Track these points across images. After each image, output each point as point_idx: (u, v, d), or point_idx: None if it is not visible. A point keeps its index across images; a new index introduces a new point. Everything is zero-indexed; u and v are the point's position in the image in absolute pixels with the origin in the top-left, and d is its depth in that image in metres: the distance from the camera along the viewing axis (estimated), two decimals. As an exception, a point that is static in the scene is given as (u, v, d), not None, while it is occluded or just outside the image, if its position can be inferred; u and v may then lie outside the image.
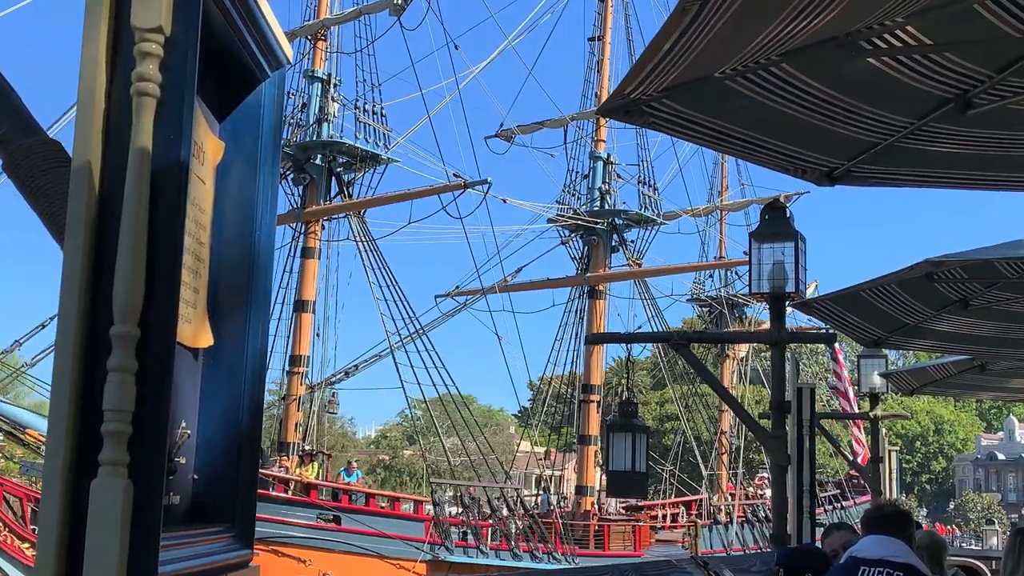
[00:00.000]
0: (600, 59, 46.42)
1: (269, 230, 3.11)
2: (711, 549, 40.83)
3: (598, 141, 46.13)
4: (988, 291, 8.00)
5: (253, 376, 2.99)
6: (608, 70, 46.26)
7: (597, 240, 45.37)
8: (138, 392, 2.13)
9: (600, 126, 46.02)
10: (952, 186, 6.47)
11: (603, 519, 41.64)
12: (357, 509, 31.60)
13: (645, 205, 46.45)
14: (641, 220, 46.31)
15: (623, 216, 45.83)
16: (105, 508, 2.07)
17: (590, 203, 45.49)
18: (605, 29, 46.43)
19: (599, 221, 45.02)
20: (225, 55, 2.86)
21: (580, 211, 44.83)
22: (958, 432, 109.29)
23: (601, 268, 45.43)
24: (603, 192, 45.40)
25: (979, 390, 15.04)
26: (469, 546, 33.60)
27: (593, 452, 43.60)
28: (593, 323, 44.77)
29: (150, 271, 2.17)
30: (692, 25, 3.59)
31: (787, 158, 5.54)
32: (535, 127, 45.53)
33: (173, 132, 2.25)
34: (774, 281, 9.36)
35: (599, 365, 45.45)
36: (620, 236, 46.04)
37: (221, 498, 2.90)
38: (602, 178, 45.60)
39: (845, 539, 6.96)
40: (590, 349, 44.46)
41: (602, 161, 45.76)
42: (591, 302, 45.35)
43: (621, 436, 10.38)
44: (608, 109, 4.59)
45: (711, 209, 56.08)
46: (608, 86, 45.68)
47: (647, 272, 46.99)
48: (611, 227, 45.59)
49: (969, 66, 4.95)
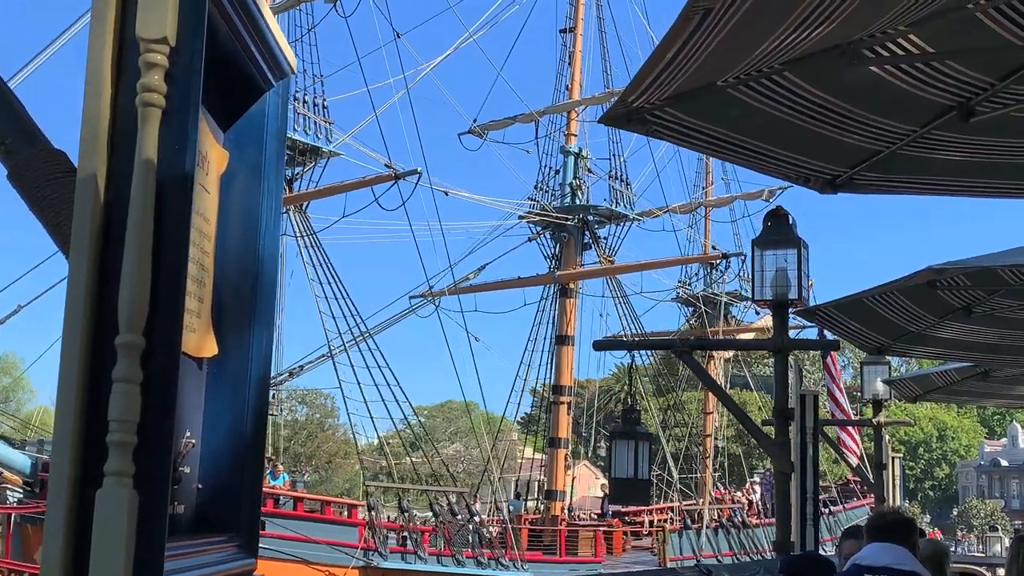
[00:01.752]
0: (572, 51, 45.42)
1: (273, 240, 3.12)
2: (680, 555, 40.13)
3: (569, 135, 45.05)
4: (991, 298, 8.00)
5: (257, 386, 2.99)
6: (580, 62, 45.38)
7: (568, 237, 44.22)
8: (143, 402, 2.13)
9: (571, 120, 45.04)
10: (954, 194, 6.48)
11: (572, 524, 40.77)
12: (282, 513, 30.02)
13: (617, 200, 45.20)
14: (614, 216, 45.09)
15: (594, 212, 44.67)
16: (110, 518, 2.07)
17: (560, 199, 44.38)
18: (577, 21, 45.34)
19: (569, 217, 43.88)
20: (229, 65, 2.86)
21: (549, 207, 43.74)
22: (961, 438, 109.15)
23: (572, 266, 44.32)
24: (574, 187, 44.19)
25: (982, 397, 15.03)
26: (407, 551, 32.22)
27: (563, 455, 42.90)
28: (564, 322, 43.79)
29: (155, 281, 2.17)
30: (695, 34, 3.60)
31: (790, 166, 5.54)
32: (506, 122, 44.26)
33: (178, 142, 2.26)
34: (777, 288, 9.36)
35: (569, 366, 44.22)
36: (592, 233, 44.92)
37: (225, 508, 2.90)
38: (573, 173, 44.40)
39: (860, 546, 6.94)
40: (560, 349, 43.54)
41: (573, 156, 44.61)
42: (562, 301, 44.18)
43: (624, 443, 10.37)
44: (611, 117, 4.60)
45: (695, 205, 55.28)
46: (580, 79, 45.04)
47: (618, 269, 45.66)
48: (582, 223, 44.41)
49: (971, 74, 4.95)
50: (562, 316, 43.98)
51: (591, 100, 44.48)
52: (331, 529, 31.14)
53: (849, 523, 40.65)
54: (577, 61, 45.32)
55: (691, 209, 54.62)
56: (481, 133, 44.26)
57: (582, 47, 45.62)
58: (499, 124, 44.28)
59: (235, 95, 3.05)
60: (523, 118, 44.01)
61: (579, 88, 45.21)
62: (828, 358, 22.41)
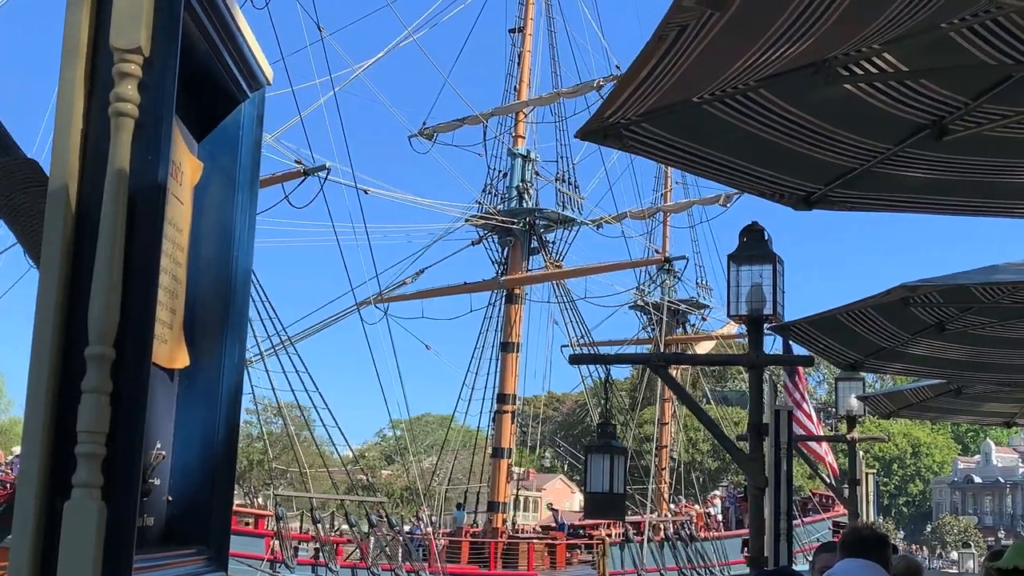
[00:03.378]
0: (521, 51, 44.37)
1: (247, 251, 3.11)
2: (622, 569, 39.40)
3: (517, 137, 43.92)
4: (964, 316, 8.05)
5: (229, 398, 2.98)
6: (529, 62, 44.26)
7: (514, 241, 43.03)
8: (113, 413, 2.12)
9: (519, 121, 44.03)
10: (928, 211, 6.53)
11: (512, 537, 39.85)
12: None
13: (565, 204, 44.04)
14: (561, 220, 43.77)
15: (540, 214, 43.37)
16: (78, 530, 2.06)
17: (507, 202, 43.10)
18: (526, 20, 44.37)
19: (515, 220, 42.67)
20: (204, 75, 2.86)
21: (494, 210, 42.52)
22: (935, 455, 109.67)
23: (518, 271, 43.15)
24: (521, 190, 43.00)
25: (955, 414, 15.11)
26: (318, 564, 31.14)
27: (506, 465, 41.67)
28: (509, 329, 42.61)
29: (126, 291, 2.16)
30: (670, 51, 3.62)
31: (764, 182, 5.57)
32: (455, 124, 43.32)
33: (151, 152, 2.25)
34: (752, 304, 9.38)
35: (514, 373, 42.68)
36: (540, 237, 43.74)
37: (195, 520, 2.89)
38: (520, 176, 43.23)
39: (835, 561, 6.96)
40: (505, 357, 42.39)
41: (521, 158, 43.42)
42: (508, 307, 42.92)
43: (599, 457, 10.36)
44: (587, 132, 4.61)
45: (653, 211, 54.52)
46: (528, 79, 44.07)
47: (562, 273, 44.19)
48: (529, 227, 43.24)
49: (945, 93, 5.00)
50: (507, 323, 42.82)
51: (538, 101, 43.69)
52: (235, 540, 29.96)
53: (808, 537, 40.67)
54: (526, 61, 44.31)
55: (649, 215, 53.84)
56: (431, 135, 43.35)
57: (531, 47, 44.77)
58: (448, 126, 43.37)
59: (210, 105, 3.04)
60: (471, 120, 43.13)
61: (527, 89, 44.25)
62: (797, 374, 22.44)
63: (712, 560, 43.69)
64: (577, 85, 42.61)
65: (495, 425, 42.49)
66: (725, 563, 44.25)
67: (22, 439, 2.12)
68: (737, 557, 45.25)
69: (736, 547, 45.75)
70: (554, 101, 43.78)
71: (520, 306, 43.36)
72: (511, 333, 42.61)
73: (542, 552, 39.10)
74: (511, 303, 42.96)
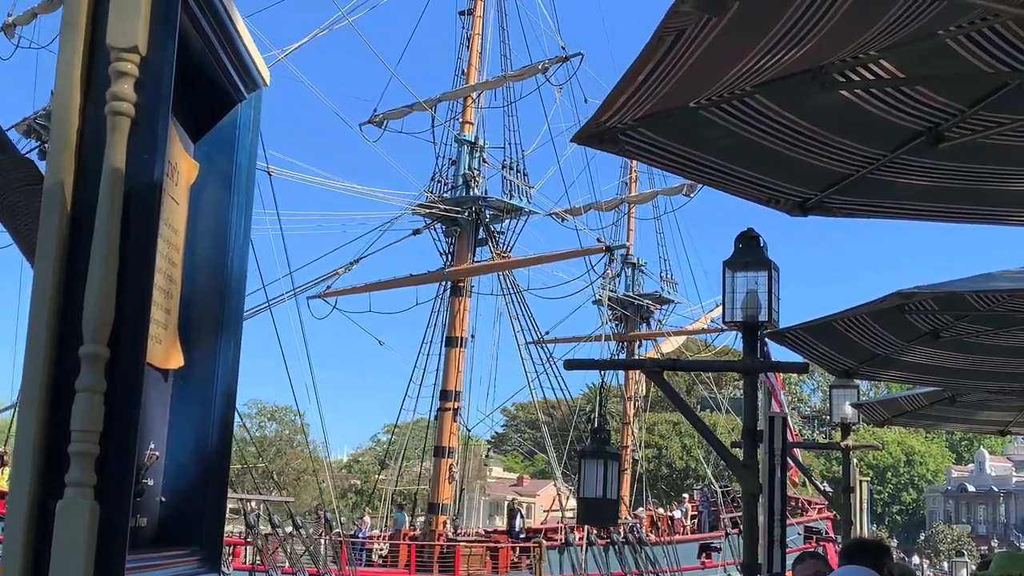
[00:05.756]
0: (471, 34, 42.33)
1: (242, 252, 3.10)
2: (560, 573, 37.76)
3: (465, 123, 41.91)
4: (958, 323, 8.06)
5: (223, 398, 2.98)
6: (478, 45, 42.33)
7: (460, 231, 41.07)
8: (106, 412, 2.11)
9: (467, 107, 42.07)
10: (924, 218, 6.53)
11: (451, 540, 38.10)
12: None
13: (513, 192, 41.65)
14: (509, 209, 41.59)
15: (485, 203, 41.29)
16: (71, 529, 2.05)
17: (454, 190, 41.10)
18: (476, 2, 42.44)
19: (460, 210, 40.76)
20: (201, 75, 2.86)
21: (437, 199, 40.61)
22: (929, 464, 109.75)
23: (463, 262, 41.09)
24: (467, 178, 40.90)
25: (949, 422, 15.12)
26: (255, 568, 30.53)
27: (448, 465, 39.88)
28: (454, 323, 40.84)
29: (121, 291, 2.16)
30: (667, 56, 3.62)
31: (760, 188, 5.58)
32: (404, 111, 41.34)
33: (147, 152, 2.24)
34: (747, 311, 9.38)
35: (458, 369, 40.68)
36: (487, 227, 41.59)
37: (188, 521, 2.88)
38: (467, 163, 41.11)
39: (816, 568, 6.98)
40: (449, 352, 40.61)
41: (468, 144, 41.35)
42: (453, 300, 41.08)
43: (593, 463, 10.35)
44: (583, 137, 4.62)
45: (618, 202, 52.79)
46: (477, 63, 42.26)
47: (505, 264, 41.77)
48: (475, 216, 41.20)
49: (941, 100, 5.01)
50: (452, 316, 41.14)
51: (485, 85, 42.02)
52: None
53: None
54: (475, 45, 42.45)
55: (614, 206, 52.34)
56: (380, 123, 41.62)
57: (481, 30, 42.60)
58: (397, 113, 41.58)
59: (206, 106, 3.04)
60: (419, 106, 41.24)
61: (476, 73, 42.52)
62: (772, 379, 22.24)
63: (662, 565, 41.63)
64: (524, 68, 41.10)
65: (437, 423, 40.88)
66: (677, 568, 42.31)
67: (15, 437, 2.11)
68: (692, 563, 44.04)
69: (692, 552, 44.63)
70: (501, 85, 41.99)
71: (466, 299, 41.54)
72: (456, 327, 40.89)
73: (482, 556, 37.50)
74: (456, 296, 41.25)
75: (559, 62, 40.09)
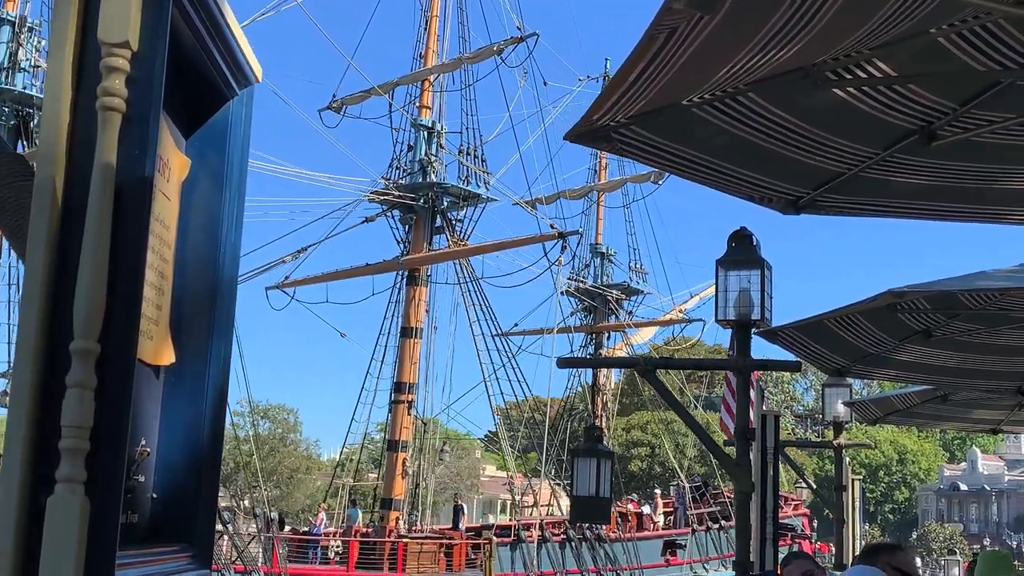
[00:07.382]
0: (429, 16, 41.44)
1: (234, 248, 3.10)
2: (512, 571, 36.80)
3: (423, 108, 40.79)
4: (950, 322, 8.07)
5: (215, 394, 2.97)
6: (436, 27, 41.35)
7: (416, 218, 40.09)
8: (97, 408, 2.10)
9: (424, 91, 41.04)
10: (916, 217, 6.54)
11: (400, 537, 37.08)
12: None
13: (469, 179, 40.47)
14: (466, 196, 40.46)
15: (440, 189, 40.15)
16: (61, 525, 2.05)
17: (410, 176, 39.92)
18: None
19: (416, 196, 39.71)
20: (193, 71, 2.85)
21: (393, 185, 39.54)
22: (921, 462, 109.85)
23: (419, 250, 40.04)
24: (424, 164, 39.75)
25: (942, 420, 15.16)
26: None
27: (402, 460, 38.81)
28: (410, 313, 39.90)
29: (112, 287, 2.15)
30: (660, 54, 3.62)
31: (753, 186, 5.58)
32: (363, 96, 40.49)
33: (138, 148, 2.24)
34: (740, 309, 9.39)
35: (413, 360, 39.74)
36: (443, 214, 40.59)
37: (180, 517, 2.88)
38: (424, 149, 40.01)
39: (804, 568, 6.99)
40: (405, 343, 39.67)
41: (425, 130, 40.31)
42: (409, 289, 40.03)
43: (586, 461, 10.37)
44: (576, 135, 4.61)
45: (587, 190, 52.25)
46: (435, 46, 41.40)
47: (459, 252, 40.52)
48: (431, 203, 40.15)
49: (934, 98, 5.02)
50: (408, 306, 40.07)
51: (441, 68, 41.11)
52: None
53: None
54: (433, 27, 41.39)
55: (582, 194, 51.79)
56: (339, 108, 40.74)
57: (439, 12, 41.66)
58: (356, 98, 40.72)
59: (198, 102, 3.03)
60: (376, 91, 40.19)
61: (434, 56, 41.53)
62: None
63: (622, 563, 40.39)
64: (479, 49, 40.32)
65: (391, 416, 39.81)
66: (638, 566, 41.22)
67: (5, 432, 2.11)
68: (655, 560, 43.09)
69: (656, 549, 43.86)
70: (458, 67, 41.05)
71: (423, 288, 40.60)
72: (411, 317, 40.01)
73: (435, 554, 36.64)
74: (412, 285, 40.26)
75: (515, 43, 39.23)
